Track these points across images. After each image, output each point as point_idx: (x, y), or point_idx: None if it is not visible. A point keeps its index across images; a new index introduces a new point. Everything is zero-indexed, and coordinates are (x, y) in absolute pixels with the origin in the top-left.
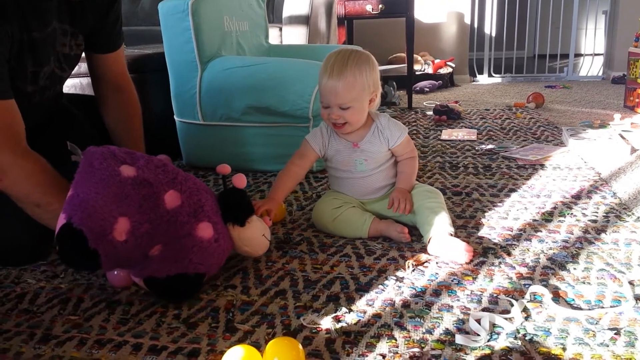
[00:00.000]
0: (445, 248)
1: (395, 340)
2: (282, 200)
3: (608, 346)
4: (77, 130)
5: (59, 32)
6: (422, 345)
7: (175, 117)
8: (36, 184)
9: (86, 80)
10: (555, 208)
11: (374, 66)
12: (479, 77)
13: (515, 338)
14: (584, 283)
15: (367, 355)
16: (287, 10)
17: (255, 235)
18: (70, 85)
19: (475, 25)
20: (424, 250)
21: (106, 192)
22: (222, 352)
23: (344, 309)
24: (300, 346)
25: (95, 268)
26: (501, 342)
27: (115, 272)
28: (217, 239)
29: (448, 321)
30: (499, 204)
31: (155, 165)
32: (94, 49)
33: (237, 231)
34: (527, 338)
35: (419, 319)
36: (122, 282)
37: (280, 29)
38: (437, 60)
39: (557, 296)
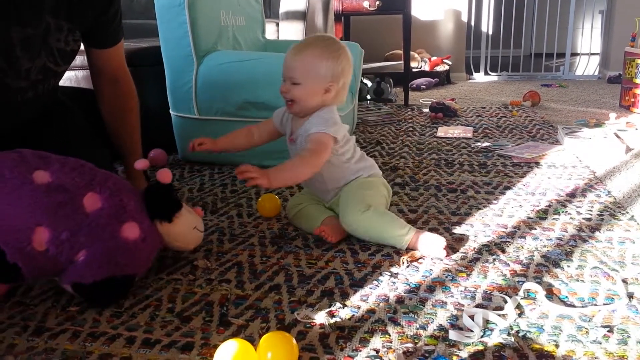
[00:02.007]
0: (425, 243)
1: (389, 335)
2: (224, 148)
3: (601, 343)
4: (72, 124)
5: (53, 27)
6: (416, 341)
7: (170, 111)
8: None
9: (81, 73)
10: (549, 206)
11: (341, 58)
12: (475, 75)
13: (509, 334)
14: (578, 281)
15: (360, 350)
16: (284, 6)
17: (184, 229)
18: (65, 78)
19: (472, 23)
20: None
21: (19, 203)
22: (216, 346)
23: (338, 304)
24: (294, 341)
25: (17, 280)
26: (494, 339)
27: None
28: (144, 238)
29: (442, 317)
30: (494, 202)
31: (72, 167)
32: (93, 44)
33: (165, 227)
34: (520, 335)
35: (412, 315)
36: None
37: (277, 25)
38: (433, 58)
39: (550, 293)
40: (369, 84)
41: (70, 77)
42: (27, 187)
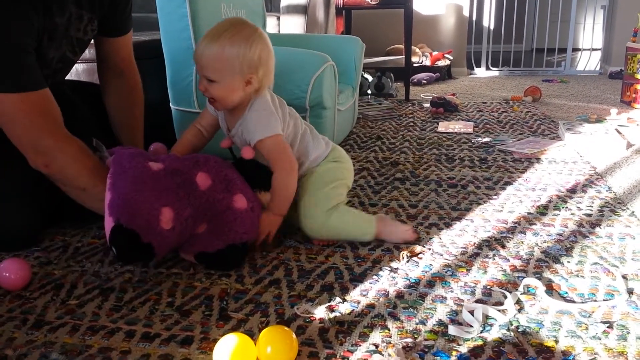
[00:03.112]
0: (392, 230)
1: (389, 330)
2: (182, 154)
3: (600, 339)
4: (77, 115)
5: (74, 17)
6: (415, 336)
7: (171, 104)
8: (82, 167)
9: (81, 67)
10: (550, 201)
11: (254, 45)
12: (476, 70)
13: (508, 330)
14: (578, 276)
15: (360, 345)
16: None
17: None
18: None
19: (474, 18)
20: (418, 241)
21: (143, 187)
22: (216, 340)
23: (337, 299)
24: (294, 335)
25: (151, 259)
26: (494, 334)
27: (7, 274)
28: (252, 207)
29: (441, 312)
30: (494, 197)
31: (174, 156)
32: (104, 32)
33: (264, 196)
34: (519, 330)
35: (412, 310)
36: (16, 285)
37: (278, 18)
38: (435, 53)
39: (550, 289)
40: (370, 78)
41: (71, 71)
42: (147, 174)
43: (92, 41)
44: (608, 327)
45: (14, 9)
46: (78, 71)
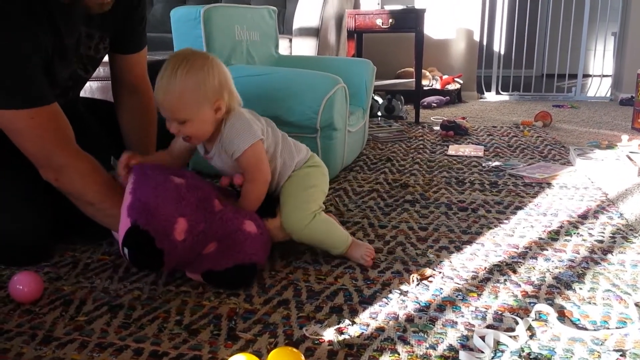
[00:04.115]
0: (355, 250)
1: (399, 354)
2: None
3: None
4: (89, 132)
5: (84, 36)
6: None
7: None
8: (90, 182)
9: (95, 84)
10: (561, 227)
11: (211, 71)
12: (486, 94)
13: (520, 356)
14: (590, 303)
15: None
16: (298, 22)
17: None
18: None
19: (484, 42)
20: (428, 264)
21: (164, 195)
22: None
23: (347, 321)
24: (303, 357)
25: (160, 267)
26: None
27: (20, 287)
28: (262, 232)
29: (452, 337)
30: (505, 221)
31: (197, 175)
32: (117, 49)
33: (271, 222)
34: (531, 357)
35: (422, 334)
36: (29, 298)
37: (290, 40)
38: (445, 76)
39: (562, 315)
40: (380, 100)
41: (85, 88)
42: (169, 184)
43: (107, 58)
44: (621, 355)
45: (22, 30)
46: (92, 89)
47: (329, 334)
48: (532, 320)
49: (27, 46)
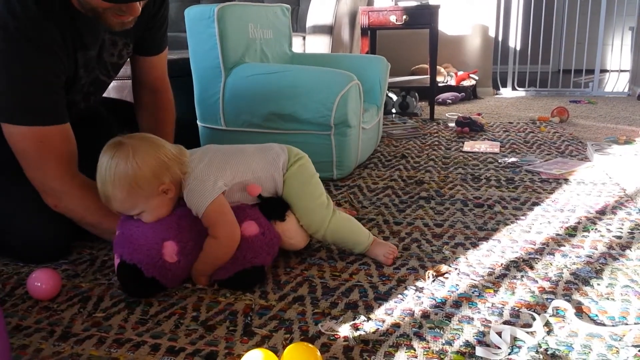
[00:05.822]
0: (376, 248)
1: (414, 350)
2: None
3: None
4: (104, 131)
5: (108, 43)
6: (442, 357)
7: (198, 122)
8: (87, 207)
9: (113, 83)
10: (579, 223)
11: (137, 163)
12: (502, 90)
13: (537, 352)
14: (608, 299)
15: None
16: (311, 20)
17: (295, 226)
18: None
19: (500, 38)
20: (444, 261)
21: (141, 223)
22: (240, 356)
23: (362, 317)
24: (319, 352)
25: (160, 290)
26: (522, 356)
27: (38, 284)
28: (263, 232)
29: (468, 333)
30: (522, 217)
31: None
32: (139, 52)
33: (280, 226)
34: (548, 353)
35: (438, 330)
36: (47, 295)
37: (304, 38)
38: (460, 73)
39: (580, 311)
40: (394, 97)
41: None
42: None
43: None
44: (639, 351)
45: (44, 49)
46: (109, 89)
47: (344, 330)
48: (550, 316)
49: (46, 65)
